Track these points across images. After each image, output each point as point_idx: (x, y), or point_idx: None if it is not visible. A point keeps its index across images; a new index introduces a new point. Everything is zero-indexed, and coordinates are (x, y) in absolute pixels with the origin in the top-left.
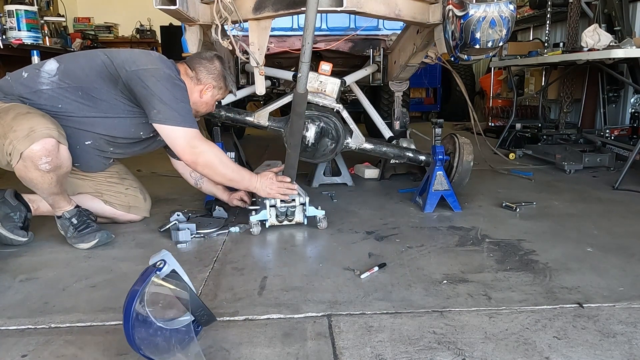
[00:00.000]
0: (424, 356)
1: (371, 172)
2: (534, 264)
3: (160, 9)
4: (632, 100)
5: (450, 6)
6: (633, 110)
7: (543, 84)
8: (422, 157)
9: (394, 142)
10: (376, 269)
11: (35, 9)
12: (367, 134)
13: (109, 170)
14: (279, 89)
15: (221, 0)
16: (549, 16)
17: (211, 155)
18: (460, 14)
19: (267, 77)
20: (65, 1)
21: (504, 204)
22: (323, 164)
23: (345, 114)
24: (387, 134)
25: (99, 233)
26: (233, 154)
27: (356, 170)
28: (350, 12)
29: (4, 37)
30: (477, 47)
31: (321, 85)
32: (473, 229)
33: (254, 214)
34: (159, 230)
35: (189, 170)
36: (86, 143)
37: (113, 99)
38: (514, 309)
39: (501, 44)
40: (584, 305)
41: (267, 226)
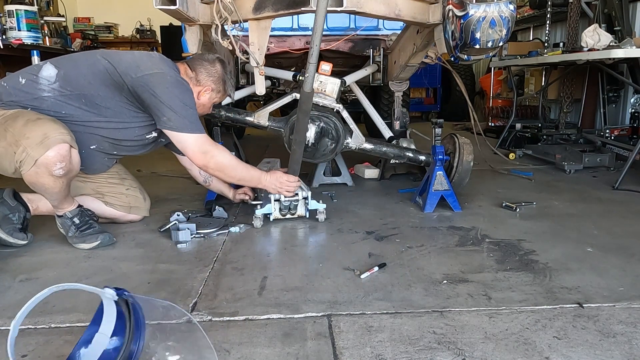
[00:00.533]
0: (424, 356)
1: (371, 172)
2: (534, 264)
3: (160, 9)
4: (632, 100)
5: (450, 6)
6: (633, 110)
7: (543, 84)
8: (422, 157)
9: (394, 142)
10: (376, 269)
11: (35, 9)
12: (367, 134)
13: (109, 171)
14: (278, 89)
15: (221, 0)
16: (549, 16)
17: (222, 159)
18: (460, 14)
19: (267, 77)
20: (65, 1)
21: (504, 204)
22: (323, 164)
23: (345, 114)
24: (387, 134)
25: (101, 235)
26: (233, 153)
27: (356, 170)
28: (350, 12)
29: (4, 37)
30: (477, 47)
31: (321, 85)
32: (473, 229)
33: (259, 207)
34: (159, 230)
35: (197, 169)
36: (91, 147)
37: (118, 106)
38: (514, 309)
39: (501, 44)
40: (584, 305)
41: (271, 219)
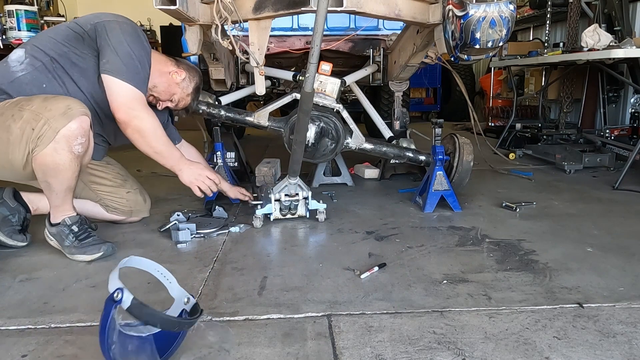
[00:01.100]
0: (424, 356)
1: (371, 172)
2: (534, 264)
3: (160, 9)
4: (632, 100)
5: (450, 6)
6: (633, 110)
7: (543, 84)
8: (422, 157)
9: (393, 142)
10: (376, 269)
11: (35, 9)
12: (367, 134)
13: (110, 173)
14: (278, 89)
15: (221, 0)
16: (549, 16)
17: (146, 123)
18: (460, 14)
19: (267, 77)
20: (65, 1)
21: (504, 204)
22: (323, 164)
23: (345, 114)
24: (387, 134)
25: (104, 245)
26: (233, 154)
27: (356, 170)
28: (350, 12)
29: (4, 37)
30: (477, 47)
31: (321, 85)
32: (473, 229)
33: (259, 207)
34: (159, 230)
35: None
36: None
37: (85, 60)
38: (514, 309)
39: (501, 44)
40: (584, 305)
41: (271, 219)
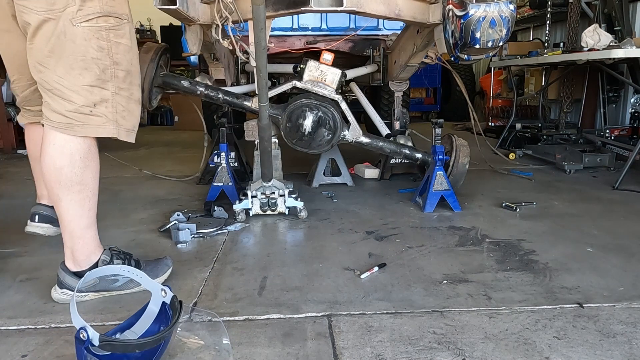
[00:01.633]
0: (424, 356)
1: (371, 172)
2: (534, 264)
3: (160, 8)
4: (632, 100)
5: (450, 6)
6: (633, 110)
7: (543, 84)
8: (419, 155)
9: (391, 139)
10: (376, 269)
11: None
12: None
13: None
14: None
15: (222, 0)
16: (549, 16)
17: None
18: (460, 13)
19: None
20: None
21: (504, 204)
22: (323, 164)
23: (344, 106)
24: (384, 131)
25: (164, 260)
26: (233, 154)
27: (356, 170)
28: (350, 12)
29: None
30: (477, 47)
31: (322, 75)
32: (473, 229)
33: (237, 202)
34: (159, 230)
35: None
36: None
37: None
38: (514, 309)
39: (501, 44)
40: (584, 305)
41: (250, 215)
